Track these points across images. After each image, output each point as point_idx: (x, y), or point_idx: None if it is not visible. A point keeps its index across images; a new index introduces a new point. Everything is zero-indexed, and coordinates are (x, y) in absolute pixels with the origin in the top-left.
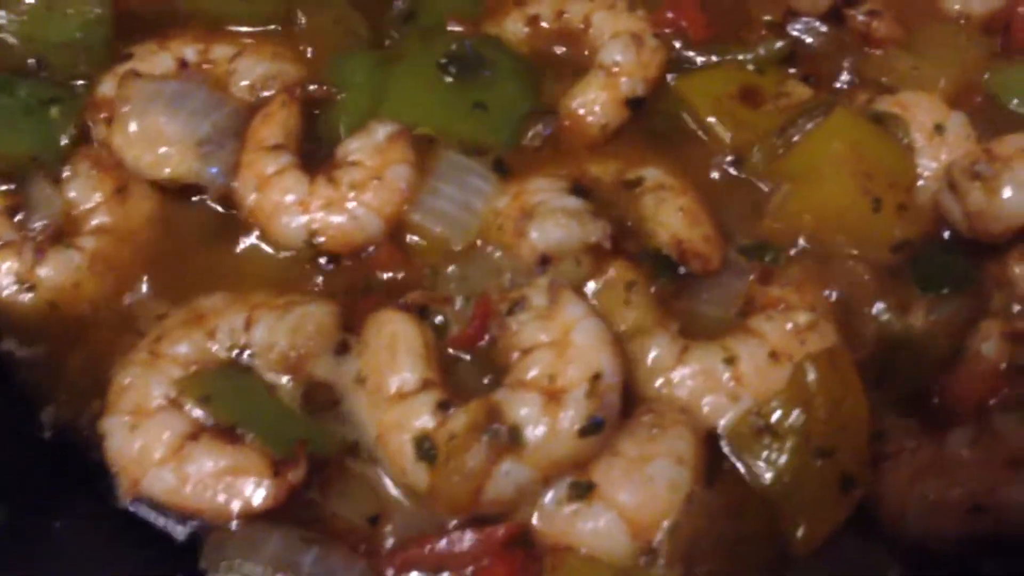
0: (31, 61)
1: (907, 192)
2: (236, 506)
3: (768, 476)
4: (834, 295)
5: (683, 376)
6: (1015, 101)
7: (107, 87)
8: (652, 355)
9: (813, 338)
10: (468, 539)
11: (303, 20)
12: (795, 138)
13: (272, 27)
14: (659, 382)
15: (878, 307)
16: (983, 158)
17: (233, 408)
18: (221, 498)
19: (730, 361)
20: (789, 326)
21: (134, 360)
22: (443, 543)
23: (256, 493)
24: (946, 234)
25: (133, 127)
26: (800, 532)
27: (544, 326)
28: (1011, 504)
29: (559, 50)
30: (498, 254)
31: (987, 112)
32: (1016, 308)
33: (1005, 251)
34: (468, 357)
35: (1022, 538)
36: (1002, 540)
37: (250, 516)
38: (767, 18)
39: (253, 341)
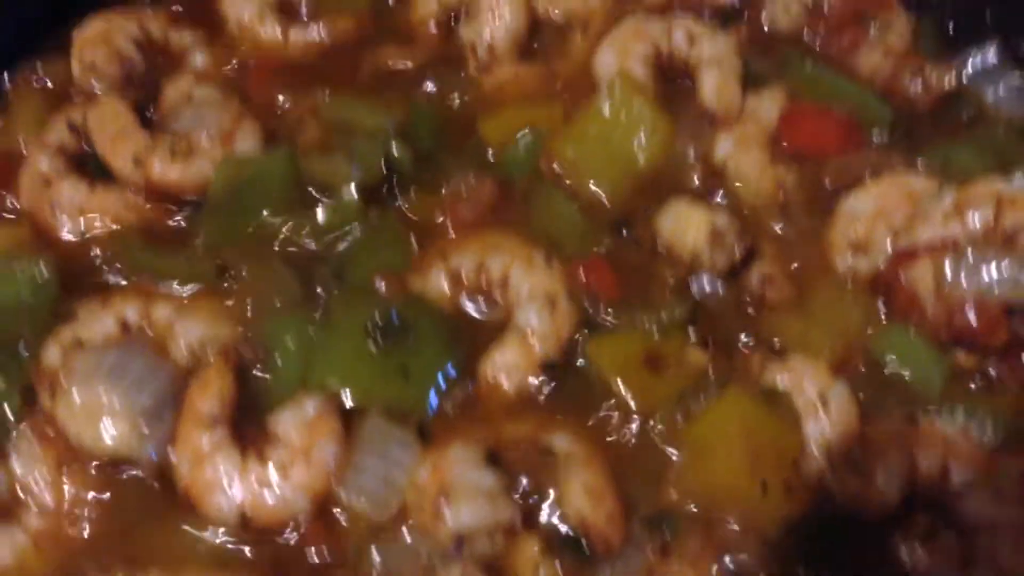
0: None
1: (794, 468)
2: None
3: None
4: (727, 565)
5: None
6: (892, 365)
7: (51, 353)
8: None
9: None
10: None
11: (237, 278)
12: (693, 410)
13: (206, 287)
14: None
15: None
16: (858, 445)
17: None
18: None
19: None
20: None
21: None
22: None
23: None
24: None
25: (76, 400)
26: None
27: None
28: None
29: (478, 307)
30: (416, 536)
31: (868, 375)
32: None
33: (882, 527)
34: None
35: None
36: None
37: None
38: (671, 279)
39: None
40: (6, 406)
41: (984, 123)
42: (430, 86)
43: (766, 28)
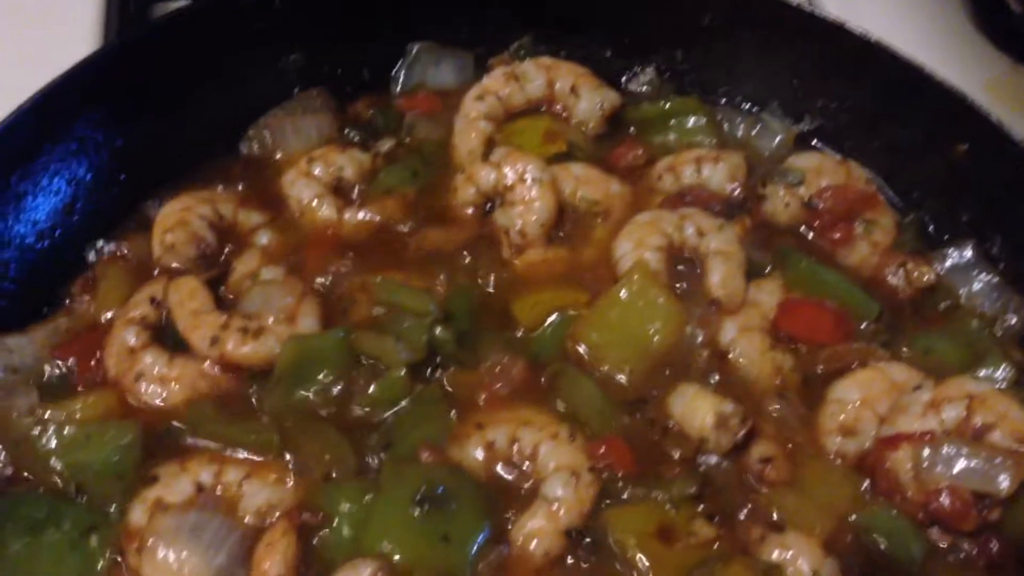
0: (72, 487)
1: None
2: None
3: None
4: None
5: None
6: (877, 539)
7: (136, 514)
8: None
9: None
10: None
11: (298, 449)
12: None
13: (271, 456)
14: None
15: None
16: None
17: None
18: None
19: None
20: None
21: None
22: None
23: None
24: None
25: (159, 558)
26: None
27: None
28: None
29: (510, 476)
30: None
31: (856, 548)
32: None
33: None
34: None
35: None
36: None
37: None
38: (678, 455)
39: None
40: (99, 564)
41: (959, 315)
42: (467, 259)
43: (767, 219)
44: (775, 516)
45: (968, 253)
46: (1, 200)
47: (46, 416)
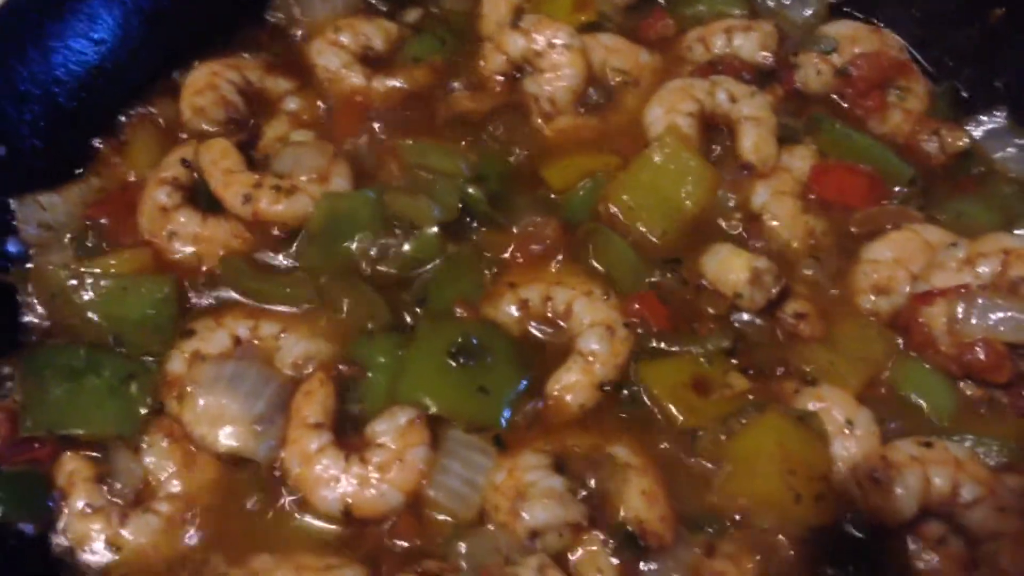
0: (110, 338)
1: (823, 481)
2: None
3: None
4: (761, 567)
5: None
6: (910, 393)
7: (175, 364)
8: None
9: None
10: None
11: (335, 303)
12: (735, 429)
13: (307, 307)
14: None
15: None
16: (880, 464)
17: None
18: None
19: None
20: None
21: None
22: None
23: None
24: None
25: (200, 405)
26: None
27: None
28: None
29: (545, 333)
30: (496, 531)
31: (890, 402)
32: None
33: (899, 533)
34: None
35: None
36: None
37: None
38: (713, 312)
39: None
40: (141, 409)
41: (992, 180)
42: (498, 129)
43: (799, 88)
44: (808, 373)
45: (1001, 119)
46: (31, 56)
47: (82, 271)
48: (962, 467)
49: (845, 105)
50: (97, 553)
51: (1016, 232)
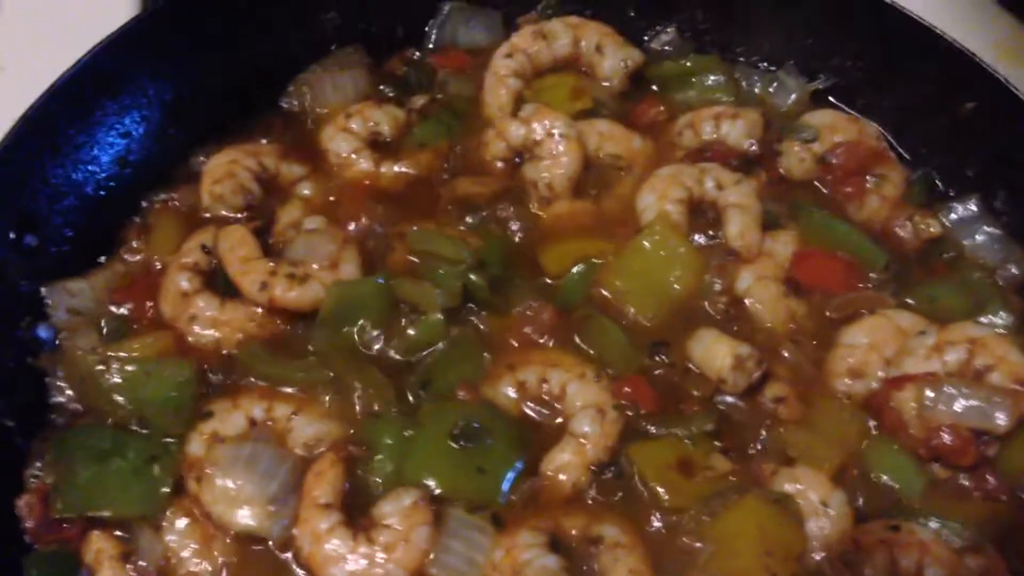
0: (134, 420)
1: (798, 562)
2: None
3: None
4: None
5: None
6: (882, 474)
7: (194, 446)
8: None
9: None
10: None
11: (345, 385)
12: (717, 510)
13: (318, 393)
14: None
15: None
16: (851, 547)
17: None
18: None
19: None
20: None
21: None
22: None
23: None
24: None
25: (219, 486)
26: None
27: None
28: None
29: (541, 414)
30: None
31: (863, 483)
32: None
33: None
34: None
35: None
36: None
37: None
38: (698, 394)
39: None
40: (163, 490)
41: (963, 266)
42: (504, 212)
43: (783, 174)
44: (787, 452)
45: (972, 206)
46: (62, 152)
47: (108, 355)
48: (927, 550)
49: (826, 191)
50: None
51: (983, 320)
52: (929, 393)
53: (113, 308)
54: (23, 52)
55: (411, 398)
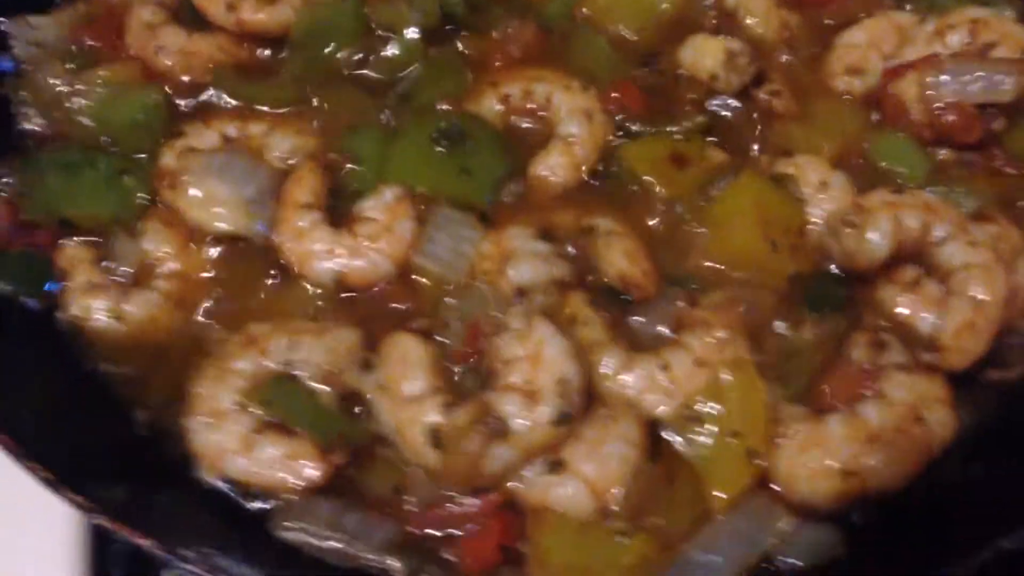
0: (104, 139)
1: (799, 235)
2: (294, 482)
3: (695, 452)
4: (744, 315)
5: (630, 379)
6: (884, 163)
7: (167, 159)
8: (606, 363)
9: (728, 349)
10: (471, 504)
11: (319, 103)
12: (713, 194)
13: (293, 108)
14: (612, 384)
15: (777, 324)
16: (853, 210)
17: (287, 410)
18: (282, 476)
19: (665, 367)
20: (710, 340)
21: (206, 375)
22: (452, 508)
23: (309, 473)
24: (831, 267)
25: (192, 192)
26: (717, 493)
27: (521, 343)
28: (871, 469)
29: (526, 124)
30: (484, 288)
31: (865, 170)
32: (881, 323)
33: (874, 280)
34: (464, 369)
35: (880, 494)
36: (866, 496)
37: (304, 490)
38: (691, 96)
39: (297, 359)
40: (135, 198)
41: None
42: None
43: None
44: (785, 148)
45: None
46: None
47: (74, 80)
48: (933, 209)
49: None
50: (101, 324)
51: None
52: (931, 74)
53: (76, 45)
54: None
55: (391, 116)
